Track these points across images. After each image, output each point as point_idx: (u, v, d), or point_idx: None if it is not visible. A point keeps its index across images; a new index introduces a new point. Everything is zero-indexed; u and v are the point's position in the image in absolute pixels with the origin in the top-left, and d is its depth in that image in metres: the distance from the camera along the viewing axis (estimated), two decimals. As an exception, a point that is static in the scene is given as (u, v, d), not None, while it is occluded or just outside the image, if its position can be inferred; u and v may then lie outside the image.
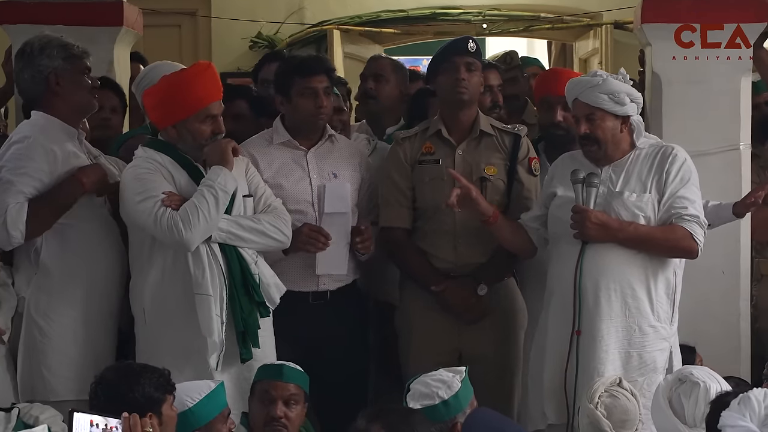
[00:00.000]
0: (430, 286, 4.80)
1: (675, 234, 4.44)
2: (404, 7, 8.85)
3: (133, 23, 5.79)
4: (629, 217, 4.44)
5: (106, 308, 4.50)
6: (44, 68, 4.45)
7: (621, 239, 4.41)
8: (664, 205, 4.47)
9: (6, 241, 4.32)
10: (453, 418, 3.87)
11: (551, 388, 4.46)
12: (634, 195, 4.46)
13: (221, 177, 4.32)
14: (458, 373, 3.96)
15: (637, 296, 4.44)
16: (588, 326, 4.39)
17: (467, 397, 3.95)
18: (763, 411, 3.07)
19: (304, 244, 4.66)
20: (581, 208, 4.40)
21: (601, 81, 4.44)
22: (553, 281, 4.53)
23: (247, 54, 8.60)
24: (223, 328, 4.30)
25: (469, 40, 4.86)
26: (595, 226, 4.38)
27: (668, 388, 3.69)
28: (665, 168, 4.48)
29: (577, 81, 4.57)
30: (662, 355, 4.50)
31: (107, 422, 3.32)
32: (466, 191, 4.55)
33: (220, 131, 4.42)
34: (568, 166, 4.58)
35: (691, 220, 4.44)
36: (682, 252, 4.50)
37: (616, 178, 4.50)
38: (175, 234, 4.24)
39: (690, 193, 4.48)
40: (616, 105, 4.44)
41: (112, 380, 3.63)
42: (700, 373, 3.70)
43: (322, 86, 4.77)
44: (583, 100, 4.47)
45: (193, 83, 4.39)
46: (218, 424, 3.85)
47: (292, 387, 4.17)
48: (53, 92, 4.45)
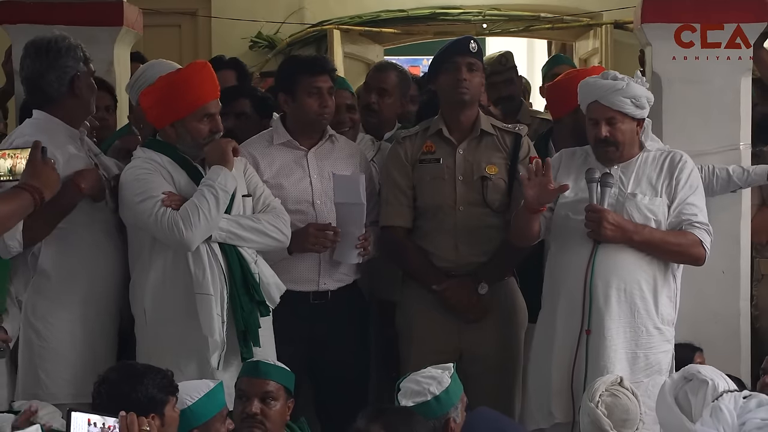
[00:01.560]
0: (430, 286, 4.80)
1: (686, 240, 4.48)
2: (404, 7, 8.84)
3: (133, 23, 5.79)
4: (641, 219, 4.46)
5: (104, 310, 4.49)
6: (70, 69, 4.43)
7: (636, 242, 4.43)
8: (674, 210, 4.50)
9: (4, 250, 4.31)
10: (445, 414, 3.87)
11: (559, 386, 4.46)
12: (646, 198, 4.48)
13: (221, 176, 4.32)
14: (447, 369, 3.96)
15: (646, 298, 4.46)
16: (597, 326, 4.40)
17: (457, 392, 3.95)
18: (736, 420, 3.08)
19: (313, 245, 4.66)
20: (598, 208, 4.41)
21: (625, 85, 4.45)
22: (558, 279, 4.53)
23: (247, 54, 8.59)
24: (224, 327, 4.30)
25: (471, 40, 4.86)
26: (612, 227, 4.39)
27: (674, 386, 3.70)
28: (675, 174, 4.52)
29: (597, 84, 4.53)
30: (666, 357, 4.53)
31: (105, 421, 3.32)
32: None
33: (218, 130, 4.42)
34: (572, 160, 4.58)
35: (701, 227, 4.49)
36: (691, 258, 4.53)
37: (626, 180, 4.52)
38: (175, 234, 4.24)
39: (699, 201, 4.53)
40: (636, 109, 4.47)
41: (115, 380, 3.64)
42: (706, 372, 3.71)
43: (327, 86, 4.78)
44: (604, 103, 4.47)
45: (190, 82, 4.39)
46: (216, 424, 3.85)
47: (270, 384, 4.09)
48: (74, 94, 4.44)
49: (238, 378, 4.19)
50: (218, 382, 3.95)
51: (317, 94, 4.76)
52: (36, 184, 3.97)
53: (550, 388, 4.49)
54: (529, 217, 4.50)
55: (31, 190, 3.95)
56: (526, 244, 4.68)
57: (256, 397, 4.07)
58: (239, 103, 5.25)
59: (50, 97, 4.44)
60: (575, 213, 4.47)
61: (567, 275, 4.48)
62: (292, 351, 4.53)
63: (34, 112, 4.49)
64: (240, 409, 4.08)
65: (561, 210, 4.55)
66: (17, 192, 3.95)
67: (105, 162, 4.60)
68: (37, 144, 4.02)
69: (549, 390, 4.49)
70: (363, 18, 8.80)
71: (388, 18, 8.83)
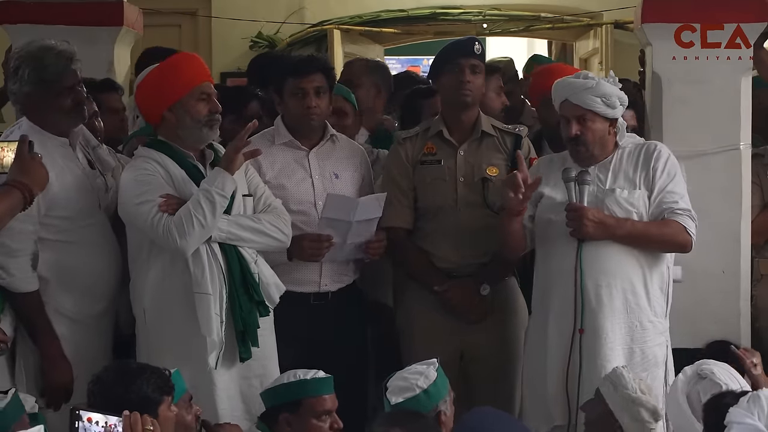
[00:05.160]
0: (432, 286, 4.80)
1: (670, 228, 4.46)
2: (404, 7, 8.85)
3: (133, 23, 5.79)
4: (622, 213, 4.46)
5: (99, 310, 4.47)
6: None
7: (618, 236, 4.42)
8: (654, 200, 4.49)
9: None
10: (435, 407, 3.87)
11: (557, 389, 4.45)
12: (625, 192, 4.48)
13: (219, 180, 4.30)
14: (431, 364, 3.94)
15: (636, 292, 4.45)
16: (591, 324, 4.40)
17: (445, 385, 3.95)
18: None
19: (310, 256, 4.68)
20: (577, 206, 4.40)
21: (594, 84, 4.46)
22: (548, 281, 4.52)
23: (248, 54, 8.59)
24: (222, 327, 4.30)
25: (475, 41, 4.86)
26: (593, 224, 4.38)
27: (687, 383, 3.69)
28: (651, 164, 4.51)
29: (567, 82, 4.55)
30: (661, 349, 4.53)
31: (107, 420, 3.30)
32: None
33: (217, 110, 4.40)
34: (551, 167, 4.58)
35: (683, 213, 4.47)
36: (677, 246, 4.52)
37: (604, 177, 4.52)
38: (170, 241, 4.24)
39: (678, 188, 4.51)
40: (607, 108, 4.46)
41: (108, 379, 3.61)
42: (720, 372, 3.70)
43: (313, 86, 4.75)
44: (574, 101, 4.47)
45: (182, 64, 4.45)
46: (181, 410, 3.78)
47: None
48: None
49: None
50: (175, 370, 3.85)
51: (301, 95, 4.75)
52: (25, 180, 3.94)
53: (546, 392, 4.48)
54: (512, 222, 4.48)
55: (21, 188, 3.91)
56: (515, 254, 4.69)
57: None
58: (249, 106, 5.26)
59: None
60: (557, 216, 4.46)
61: (556, 278, 4.47)
62: (292, 352, 4.53)
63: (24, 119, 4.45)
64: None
65: (543, 215, 4.55)
66: (7, 190, 3.92)
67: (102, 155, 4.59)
68: (24, 138, 3.99)
69: (546, 393, 4.49)
70: (363, 18, 8.81)
71: (388, 18, 8.85)
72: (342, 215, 4.63)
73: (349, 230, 4.65)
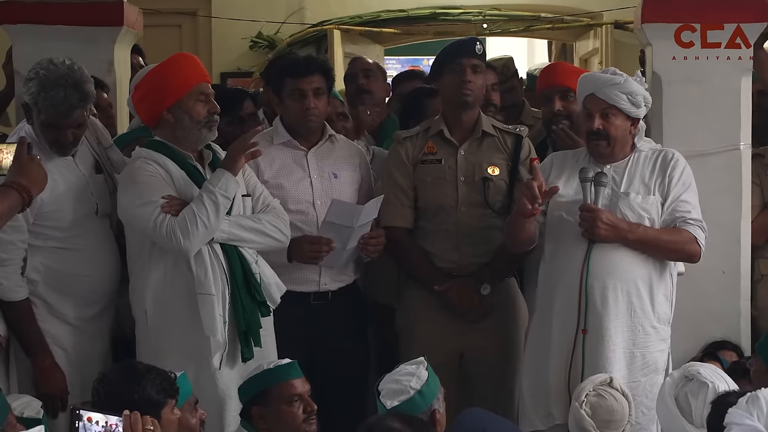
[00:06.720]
0: (432, 286, 4.80)
1: (681, 237, 4.47)
2: (404, 7, 8.85)
3: (133, 23, 5.79)
4: (635, 218, 4.46)
5: (93, 313, 4.46)
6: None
7: (630, 240, 4.42)
8: (667, 208, 4.49)
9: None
10: (430, 406, 3.86)
11: (557, 387, 4.45)
12: (639, 196, 4.48)
13: (222, 181, 4.29)
14: (420, 363, 3.93)
15: (642, 296, 4.45)
16: (595, 325, 4.40)
17: (436, 383, 3.94)
18: None
19: (309, 258, 4.68)
20: (592, 207, 4.40)
21: (622, 80, 4.46)
22: (553, 280, 4.52)
23: (247, 54, 8.61)
24: (225, 327, 4.29)
25: (477, 42, 4.86)
26: (606, 227, 4.38)
27: (674, 386, 3.69)
28: (668, 172, 4.51)
29: (595, 76, 4.57)
30: (662, 356, 4.53)
31: (107, 419, 3.30)
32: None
33: (216, 111, 4.41)
34: (564, 162, 4.58)
35: (695, 224, 4.49)
36: (686, 255, 4.53)
37: (618, 179, 4.52)
38: (173, 242, 4.23)
39: (692, 198, 4.53)
40: (632, 106, 4.47)
41: (113, 380, 3.62)
42: (707, 372, 3.70)
43: (312, 87, 4.75)
44: (599, 96, 4.47)
45: (180, 66, 4.45)
46: (186, 414, 3.81)
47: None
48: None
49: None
50: (182, 373, 3.85)
51: (299, 97, 4.75)
52: (23, 182, 3.93)
53: (548, 390, 4.48)
54: (523, 222, 4.49)
55: (19, 189, 3.91)
56: (521, 249, 4.67)
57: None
58: (245, 105, 5.26)
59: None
60: (569, 214, 4.46)
61: (562, 276, 4.47)
62: (292, 351, 4.53)
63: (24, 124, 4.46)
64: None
65: (555, 211, 4.54)
66: (5, 191, 3.91)
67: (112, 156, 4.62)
68: (23, 140, 3.99)
69: (547, 391, 4.49)
70: (363, 18, 8.81)
71: (388, 18, 8.84)
72: (345, 221, 4.63)
73: (351, 236, 4.65)
